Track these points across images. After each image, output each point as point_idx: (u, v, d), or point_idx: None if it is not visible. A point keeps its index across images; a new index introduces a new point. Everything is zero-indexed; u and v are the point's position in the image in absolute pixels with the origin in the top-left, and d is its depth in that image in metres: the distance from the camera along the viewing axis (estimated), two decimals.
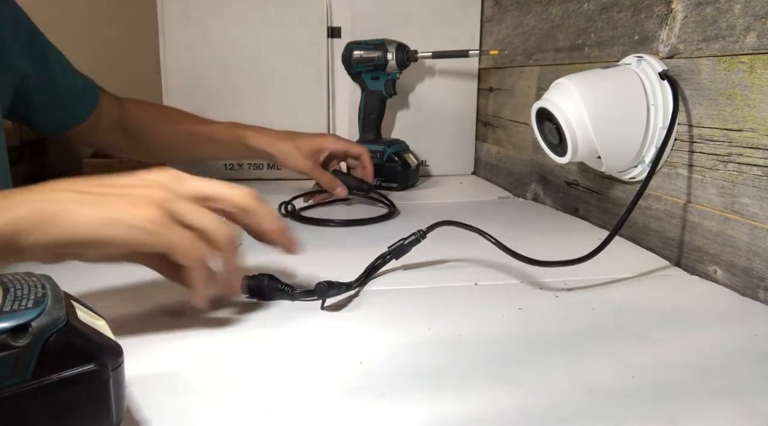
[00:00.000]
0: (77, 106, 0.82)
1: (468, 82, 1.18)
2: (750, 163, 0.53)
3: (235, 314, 0.48)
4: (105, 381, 0.28)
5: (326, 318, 0.47)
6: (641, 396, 0.35)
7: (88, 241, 0.38)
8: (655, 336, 0.43)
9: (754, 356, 0.40)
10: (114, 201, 0.39)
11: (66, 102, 0.81)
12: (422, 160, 1.16)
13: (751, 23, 0.52)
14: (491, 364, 0.39)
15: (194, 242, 0.40)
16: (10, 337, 0.26)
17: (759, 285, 0.51)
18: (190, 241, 0.40)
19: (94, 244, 0.39)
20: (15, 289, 0.28)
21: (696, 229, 0.59)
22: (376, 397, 0.35)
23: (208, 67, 1.10)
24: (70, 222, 0.38)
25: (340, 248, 0.68)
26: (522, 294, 0.52)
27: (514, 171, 1.03)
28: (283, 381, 0.37)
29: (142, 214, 0.39)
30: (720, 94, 0.56)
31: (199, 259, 0.41)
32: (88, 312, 0.31)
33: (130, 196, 0.40)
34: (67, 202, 0.39)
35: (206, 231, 0.41)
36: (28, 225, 0.37)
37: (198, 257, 0.40)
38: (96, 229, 0.38)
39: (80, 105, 0.83)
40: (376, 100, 1.05)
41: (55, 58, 0.79)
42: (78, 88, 0.82)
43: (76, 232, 0.38)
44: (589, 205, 0.80)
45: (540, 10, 0.92)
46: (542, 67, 0.92)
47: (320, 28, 1.10)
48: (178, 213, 0.40)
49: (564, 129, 0.63)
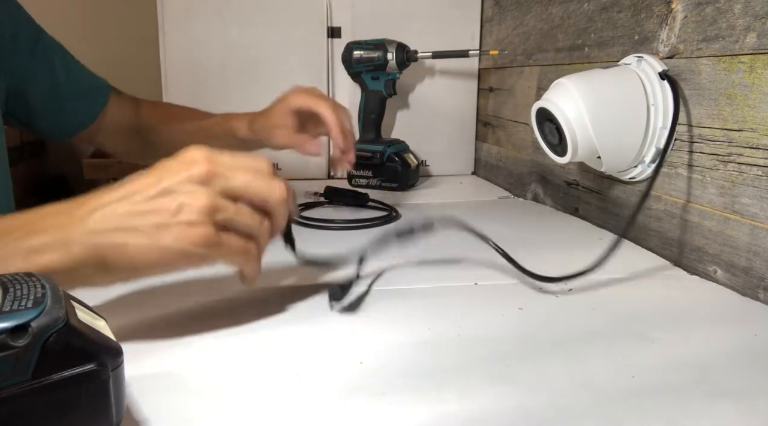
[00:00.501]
0: (80, 111, 0.80)
1: (468, 82, 1.18)
2: (750, 163, 0.53)
3: (235, 314, 0.48)
4: (105, 381, 0.28)
5: (326, 318, 0.47)
6: (641, 396, 0.35)
7: (148, 273, 0.41)
8: (655, 336, 0.43)
9: (754, 356, 0.40)
10: (164, 229, 0.39)
11: (69, 106, 0.79)
12: (422, 160, 1.16)
13: (751, 23, 0.52)
14: (491, 364, 0.39)
15: (245, 248, 0.42)
16: (10, 337, 0.26)
17: (759, 285, 0.51)
18: (242, 248, 0.42)
19: (154, 274, 0.41)
20: (15, 289, 0.28)
21: (696, 229, 0.59)
22: (376, 397, 0.35)
23: (208, 66, 1.10)
24: (127, 260, 0.39)
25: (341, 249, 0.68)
26: (522, 294, 0.52)
27: (514, 171, 1.03)
28: (282, 381, 0.37)
29: (194, 238, 0.39)
30: (720, 94, 0.56)
31: (252, 259, 0.43)
32: (88, 312, 0.31)
33: (177, 216, 0.39)
34: (120, 235, 0.39)
35: (252, 232, 0.43)
36: (89, 269, 0.39)
37: (250, 259, 0.43)
38: (154, 262, 0.40)
39: (84, 109, 0.81)
40: (376, 100, 1.05)
41: (59, 59, 0.77)
42: (82, 92, 0.80)
43: (136, 268, 0.39)
44: (589, 205, 0.80)
45: (540, 10, 0.92)
46: (542, 67, 0.92)
47: (320, 28, 1.10)
48: (225, 221, 0.41)
49: (564, 129, 0.63)
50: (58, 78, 0.76)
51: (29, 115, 0.76)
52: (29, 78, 0.73)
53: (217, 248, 0.40)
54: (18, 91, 0.73)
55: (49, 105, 0.76)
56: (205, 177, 0.40)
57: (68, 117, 0.79)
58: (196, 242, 0.39)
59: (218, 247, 0.40)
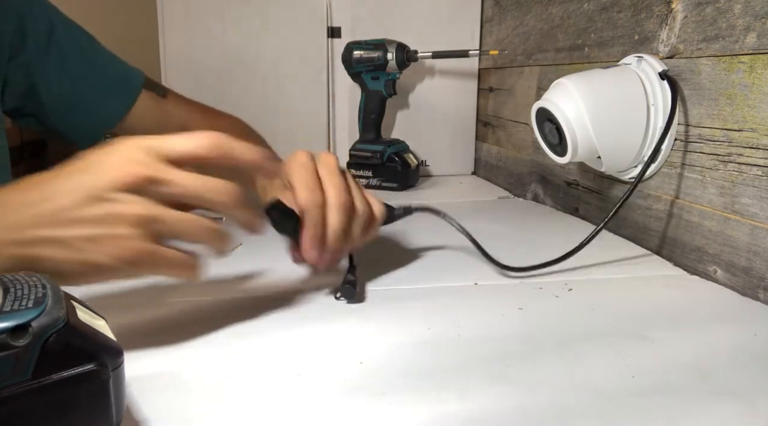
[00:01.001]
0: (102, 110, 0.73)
1: (468, 82, 1.18)
2: (750, 163, 0.53)
3: (235, 314, 0.48)
4: (105, 381, 0.28)
5: (326, 318, 0.47)
6: (641, 396, 0.35)
7: (78, 283, 0.37)
8: (655, 336, 0.43)
9: (754, 356, 0.40)
10: (92, 243, 0.36)
11: (89, 105, 0.71)
12: (422, 160, 1.16)
13: (751, 23, 0.52)
14: (491, 364, 0.39)
15: (184, 262, 0.39)
16: (10, 337, 0.26)
17: (759, 285, 0.51)
18: (180, 261, 0.38)
19: (84, 283, 0.38)
20: (15, 289, 0.28)
21: (696, 229, 0.59)
22: (376, 397, 0.35)
23: (208, 67, 1.10)
24: (56, 273, 0.35)
25: None
26: (522, 294, 0.52)
27: (514, 171, 1.03)
28: (283, 381, 0.37)
29: (124, 253, 0.36)
30: (720, 94, 0.56)
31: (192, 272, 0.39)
32: (88, 312, 0.31)
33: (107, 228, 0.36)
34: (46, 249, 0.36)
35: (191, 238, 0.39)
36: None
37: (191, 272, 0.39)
38: (86, 277, 0.37)
39: (106, 108, 0.73)
40: (376, 100, 1.05)
41: (77, 53, 0.70)
42: (105, 89, 0.72)
43: (67, 280, 0.36)
44: (589, 205, 0.80)
45: (540, 10, 0.92)
46: (542, 67, 0.92)
47: (320, 28, 1.10)
48: (160, 233, 0.37)
49: (564, 129, 0.63)
50: (73, 74, 0.70)
51: (47, 116, 0.71)
52: (41, 76, 0.68)
53: (151, 265, 0.37)
54: (31, 90, 0.68)
55: (66, 105, 0.71)
56: (140, 182, 0.36)
57: (89, 117, 0.72)
58: (126, 259, 0.36)
59: (152, 263, 0.37)
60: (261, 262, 0.61)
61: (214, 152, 0.39)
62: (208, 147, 0.39)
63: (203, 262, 0.40)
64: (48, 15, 0.69)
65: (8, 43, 0.66)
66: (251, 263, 0.60)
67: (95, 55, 0.73)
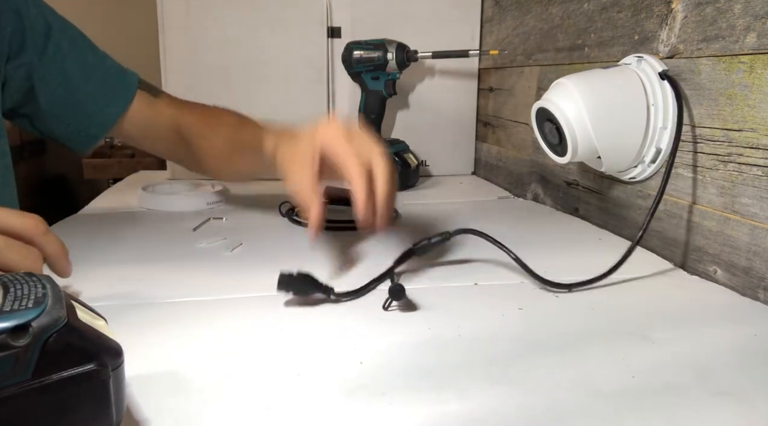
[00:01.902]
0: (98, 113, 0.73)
1: (468, 82, 1.18)
2: (750, 163, 0.53)
3: (235, 314, 0.48)
4: (105, 381, 0.28)
5: (326, 318, 0.47)
6: (641, 396, 0.35)
7: None
8: (655, 336, 0.43)
9: (754, 356, 0.40)
10: None
11: (85, 108, 0.72)
12: (422, 160, 1.16)
13: (751, 23, 0.52)
14: (491, 364, 0.39)
15: None
16: (10, 337, 0.26)
17: (759, 285, 0.51)
18: None
19: None
20: (15, 288, 0.28)
21: (696, 229, 0.59)
22: (376, 397, 0.35)
23: (208, 67, 1.10)
24: None
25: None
26: (522, 294, 0.52)
27: (514, 171, 1.03)
28: (283, 381, 0.37)
29: None
30: (720, 94, 0.56)
31: None
32: (88, 312, 0.31)
33: None
34: None
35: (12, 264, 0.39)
36: None
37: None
38: None
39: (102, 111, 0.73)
40: (376, 100, 1.05)
41: (74, 56, 0.71)
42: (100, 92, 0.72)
43: None
44: (589, 205, 0.80)
45: (540, 10, 0.92)
46: (542, 67, 0.92)
47: (320, 28, 1.10)
48: None
49: (564, 129, 0.63)
50: (71, 76, 0.70)
51: (42, 119, 0.71)
52: (39, 77, 0.68)
53: None
54: (29, 92, 0.68)
55: (63, 106, 0.71)
56: None
57: (86, 119, 0.73)
58: None
59: None
60: (261, 262, 0.61)
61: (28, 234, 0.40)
62: (21, 227, 0.40)
63: None
64: (44, 15, 0.69)
65: (8, 42, 0.65)
66: (251, 263, 0.60)
67: (92, 57, 0.73)
